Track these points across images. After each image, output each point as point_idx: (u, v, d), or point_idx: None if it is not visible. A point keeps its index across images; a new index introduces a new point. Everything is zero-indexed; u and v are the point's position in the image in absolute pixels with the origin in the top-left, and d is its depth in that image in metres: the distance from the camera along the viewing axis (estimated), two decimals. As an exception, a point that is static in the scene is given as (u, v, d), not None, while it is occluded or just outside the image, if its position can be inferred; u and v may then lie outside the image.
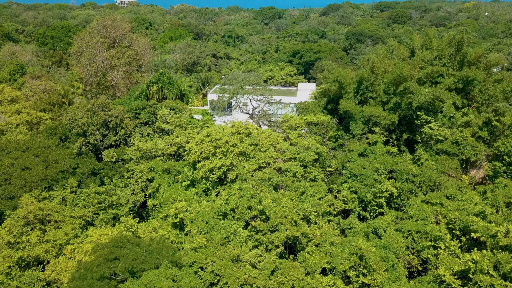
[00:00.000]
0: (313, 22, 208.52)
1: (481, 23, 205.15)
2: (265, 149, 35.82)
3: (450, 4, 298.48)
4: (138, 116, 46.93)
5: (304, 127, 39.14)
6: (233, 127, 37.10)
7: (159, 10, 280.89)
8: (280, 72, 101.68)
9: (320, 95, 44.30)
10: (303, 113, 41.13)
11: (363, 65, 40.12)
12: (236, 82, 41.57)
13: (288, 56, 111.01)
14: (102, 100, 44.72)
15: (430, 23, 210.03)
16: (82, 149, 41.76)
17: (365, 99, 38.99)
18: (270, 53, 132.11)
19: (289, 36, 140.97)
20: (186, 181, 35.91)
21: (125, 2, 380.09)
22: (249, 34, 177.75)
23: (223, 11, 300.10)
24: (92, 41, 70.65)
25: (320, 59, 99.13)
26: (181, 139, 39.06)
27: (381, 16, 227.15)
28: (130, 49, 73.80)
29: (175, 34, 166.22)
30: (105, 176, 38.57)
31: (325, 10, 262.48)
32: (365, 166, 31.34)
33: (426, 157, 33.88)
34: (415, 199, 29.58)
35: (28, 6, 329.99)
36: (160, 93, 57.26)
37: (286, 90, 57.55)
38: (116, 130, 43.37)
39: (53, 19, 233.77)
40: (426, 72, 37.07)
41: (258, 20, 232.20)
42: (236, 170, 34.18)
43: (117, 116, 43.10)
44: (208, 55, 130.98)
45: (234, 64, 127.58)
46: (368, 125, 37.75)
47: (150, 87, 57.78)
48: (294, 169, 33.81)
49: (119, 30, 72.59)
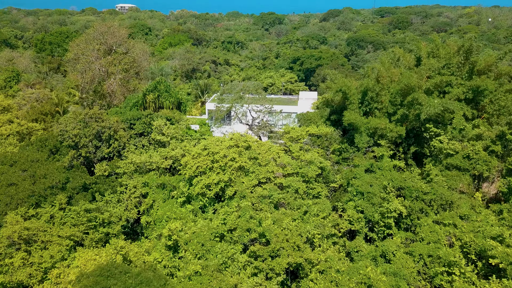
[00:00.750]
0: (314, 27, 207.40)
1: (483, 28, 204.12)
2: (265, 163, 33.90)
3: (450, 9, 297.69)
4: (133, 127, 45.06)
5: (306, 139, 37.23)
6: (232, 140, 35.18)
7: (159, 16, 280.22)
8: (280, 79, 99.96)
9: (323, 105, 42.44)
10: (305, 124, 39.23)
11: (368, 74, 38.30)
12: (235, 92, 39.73)
13: (288, 63, 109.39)
14: (95, 110, 42.87)
15: (431, 29, 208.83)
16: (73, 162, 39.82)
17: (370, 110, 37.10)
18: (270, 59, 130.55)
19: (289, 42, 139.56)
20: (181, 197, 33.96)
21: (125, 8, 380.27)
22: (249, 40, 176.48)
23: (223, 17, 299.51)
24: (88, 48, 68.96)
25: (321, 65, 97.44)
26: (177, 152, 37.15)
27: (382, 22, 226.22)
28: (127, 56, 72.11)
29: (174, 40, 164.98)
30: (96, 192, 36.62)
31: (325, 15, 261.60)
32: (372, 183, 29.38)
33: (435, 172, 31.93)
34: (426, 219, 27.59)
35: (28, 11, 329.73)
36: (157, 102, 55.44)
37: (286, 99, 55.80)
38: (109, 142, 41.46)
39: (53, 25, 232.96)
40: (434, 82, 35.21)
41: (258, 26, 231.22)
42: (234, 186, 32.24)
43: (111, 127, 41.21)
44: (208, 61, 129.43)
45: (234, 71, 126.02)
46: (373, 137, 35.84)
47: (146, 95, 55.98)
48: (296, 185, 31.86)
49: (116, 36, 70.93)
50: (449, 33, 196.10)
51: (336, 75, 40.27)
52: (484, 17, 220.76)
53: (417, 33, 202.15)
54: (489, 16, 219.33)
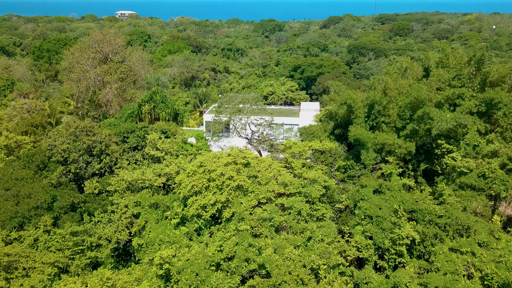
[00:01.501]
0: (314, 34, 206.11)
1: (485, 35, 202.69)
2: (266, 182, 31.62)
3: (450, 16, 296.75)
4: (126, 140, 42.85)
5: (308, 154, 34.98)
6: (230, 156, 32.93)
7: (159, 23, 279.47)
8: (281, 87, 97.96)
9: (326, 118, 40.24)
10: (308, 139, 36.99)
11: (374, 86, 36.13)
12: (234, 104, 37.58)
13: (289, 71, 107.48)
14: (86, 123, 40.67)
15: (433, 36, 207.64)
16: (62, 179, 37.51)
17: (377, 124, 34.88)
18: (271, 67, 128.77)
19: (290, 50, 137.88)
20: (175, 219, 31.63)
21: (125, 15, 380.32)
22: (249, 47, 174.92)
23: (223, 23, 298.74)
24: (83, 56, 67.02)
25: (323, 74, 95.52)
26: (171, 169, 34.90)
27: (383, 29, 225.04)
28: (123, 64, 70.15)
29: (173, 47, 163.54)
30: (86, 211, 34.32)
31: (325, 22, 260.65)
32: (381, 205, 27.07)
33: (448, 192, 29.64)
34: (441, 246, 25.23)
35: (28, 18, 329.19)
36: (152, 113, 53.32)
37: (288, 110, 53.65)
38: (100, 157, 39.21)
39: (52, 32, 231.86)
40: (446, 95, 33.04)
41: (258, 33, 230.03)
42: (232, 208, 29.93)
43: (102, 142, 38.97)
44: (207, 69, 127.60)
45: (234, 78, 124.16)
46: (381, 153, 33.59)
47: (142, 106, 53.84)
48: (299, 206, 29.56)
49: (112, 45, 69.05)
50: (451, 40, 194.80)
51: (340, 86, 38.12)
52: (486, 24, 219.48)
53: (418, 40, 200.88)
54: (491, 23, 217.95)
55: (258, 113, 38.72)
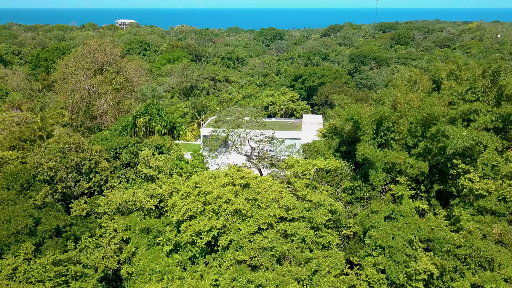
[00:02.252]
0: (315, 43, 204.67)
1: (486, 44, 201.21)
2: (266, 205, 29.06)
3: (451, 24, 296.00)
4: (118, 157, 40.39)
5: (312, 174, 32.44)
6: (227, 176, 30.40)
7: (159, 31, 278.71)
8: (281, 97, 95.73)
9: (330, 133, 37.78)
10: (311, 156, 34.48)
11: (383, 101, 33.70)
12: (232, 119, 35.16)
13: (290, 81, 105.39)
14: (75, 139, 38.23)
15: (434, 44, 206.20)
16: (47, 200, 34.95)
17: (386, 141, 32.42)
18: (271, 76, 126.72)
19: (290, 59, 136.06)
20: (168, 245, 29.02)
21: (125, 23, 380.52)
22: (249, 56, 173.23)
23: (224, 32, 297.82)
24: (77, 66, 64.84)
25: (324, 83, 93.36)
26: (165, 189, 32.37)
27: (384, 37, 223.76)
28: (119, 75, 67.97)
29: (173, 56, 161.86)
30: (72, 235, 31.73)
31: (326, 31, 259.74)
32: (394, 234, 24.47)
33: (466, 217, 27.06)
34: (463, 282, 22.60)
35: (28, 27, 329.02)
36: (147, 126, 50.92)
37: (289, 123, 51.27)
38: (89, 176, 36.70)
39: (52, 40, 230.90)
40: (461, 111, 30.60)
41: (258, 41, 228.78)
42: (229, 234, 27.34)
43: (91, 159, 36.49)
44: (207, 79, 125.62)
45: (234, 88, 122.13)
46: (390, 173, 31.07)
47: (137, 119, 51.45)
48: (303, 233, 26.97)
49: (108, 54, 66.91)
50: (452, 49, 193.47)
51: (345, 100, 35.72)
52: (487, 32, 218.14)
53: (419, 48, 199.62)
54: (492, 31, 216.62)
55: (257, 127, 36.26)
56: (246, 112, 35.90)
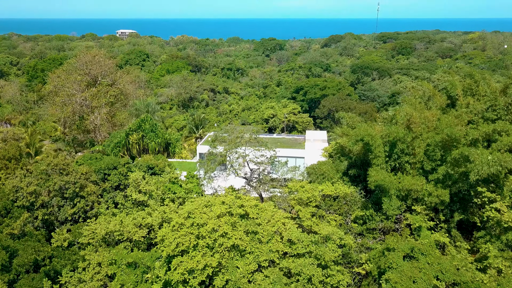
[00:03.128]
0: (315, 53, 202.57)
1: (489, 54, 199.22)
2: (268, 238, 25.86)
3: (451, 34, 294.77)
4: (107, 178, 37.29)
5: (319, 201, 29.28)
6: (224, 204, 27.24)
7: (159, 42, 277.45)
8: (282, 110, 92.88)
9: (337, 154, 34.69)
10: (317, 180, 31.33)
11: (396, 120, 30.64)
12: (230, 139, 32.10)
13: (291, 92, 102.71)
14: (59, 160, 35.14)
15: (436, 55, 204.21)
16: (26, 228, 31.74)
17: (400, 165, 29.30)
18: (272, 88, 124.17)
19: (291, 70, 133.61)
20: (157, 283, 25.76)
21: (125, 33, 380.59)
22: (250, 67, 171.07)
23: (224, 42, 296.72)
24: (69, 79, 62.05)
25: (327, 95, 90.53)
26: (155, 218, 29.18)
27: (385, 48, 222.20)
28: (113, 87, 65.16)
29: (172, 66, 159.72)
30: (51, 270, 28.47)
31: (327, 41, 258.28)
32: (414, 277, 21.22)
33: (494, 253, 23.83)
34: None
35: (28, 37, 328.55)
36: (141, 143, 47.90)
37: (291, 140, 48.20)
38: (73, 201, 33.53)
39: (51, 51, 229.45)
40: (484, 131, 27.53)
41: (259, 52, 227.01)
42: (226, 274, 24.11)
43: (76, 183, 33.35)
44: (206, 90, 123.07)
45: (234, 99, 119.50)
46: (406, 201, 27.93)
47: (129, 135, 48.43)
48: (309, 272, 23.75)
49: (101, 66, 64.18)
50: (454, 59, 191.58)
51: (353, 118, 32.74)
52: (489, 42, 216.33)
53: (421, 59, 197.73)
54: (495, 42, 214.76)
55: (257, 146, 33.18)
56: (246, 131, 32.85)
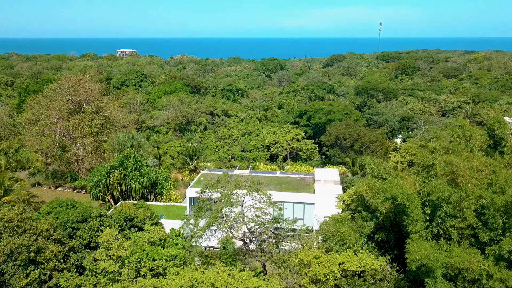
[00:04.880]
0: (317, 73, 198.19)
1: (495, 74, 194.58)
2: None
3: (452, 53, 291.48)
4: (76, 233, 30.57)
5: (339, 277, 22.41)
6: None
7: (158, 61, 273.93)
8: (285, 135, 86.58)
9: (357, 206, 27.95)
10: (335, 247, 24.49)
11: (435, 171, 23.97)
12: (224, 194, 25.49)
13: (294, 117, 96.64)
14: (13, 214, 28.43)
15: (441, 75, 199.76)
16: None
17: (445, 230, 22.53)
18: (273, 110, 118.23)
19: (293, 92, 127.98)
20: None
21: (125, 53, 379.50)
22: (250, 88, 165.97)
23: (224, 62, 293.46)
24: (50, 106, 55.86)
25: (332, 121, 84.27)
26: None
27: (388, 68, 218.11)
28: (99, 115, 58.93)
29: (170, 87, 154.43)
30: None
31: (328, 61, 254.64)
32: None
33: None
34: None
35: (28, 57, 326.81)
36: (123, 183, 41.22)
37: (298, 180, 41.41)
38: (26, 270, 26.66)
39: (49, 71, 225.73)
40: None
41: (259, 72, 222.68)
42: None
43: (30, 246, 26.55)
44: (204, 113, 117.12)
45: (233, 123, 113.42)
46: (455, 282, 21.05)
47: (110, 174, 41.82)
48: None
49: (86, 92, 58.10)
50: (460, 79, 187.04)
51: (379, 165, 26.14)
52: (495, 62, 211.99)
53: (426, 79, 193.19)
54: (500, 61, 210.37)
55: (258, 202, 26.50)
56: (243, 182, 26.25)
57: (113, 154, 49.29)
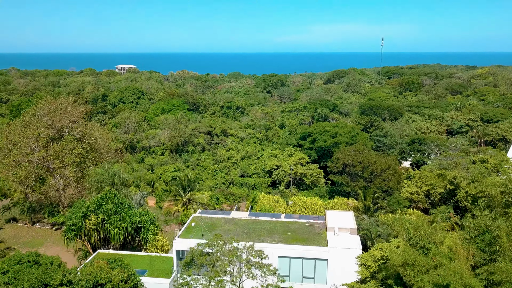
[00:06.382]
0: (319, 90, 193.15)
1: (502, 91, 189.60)
2: None
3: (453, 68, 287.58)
4: (31, 305, 24.28)
5: None
6: None
7: (157, 77, 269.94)
8: (288, 159, 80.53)
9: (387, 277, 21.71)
10: None
11: (500, 244, 17.83)
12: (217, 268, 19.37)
13: (297, 139, 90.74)
14: None
15: (446, 91, 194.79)
16: None
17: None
18: (274, 130, 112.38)
19: (295, 110, 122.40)
20: None
21: (125, 69, 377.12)
22: (250, 105, 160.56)
23: (224, 78, 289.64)
24: (26, 134, 49.99)
25: (339, 144, 78.34)
26: None
27: (391, 84, 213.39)
28: (82, 143, 53.00)
29: (168, 105, 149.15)
30: None
31: (330, 76, 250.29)
32: None
33: None
34: None
35: (26, 72, 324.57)
36: (100, 229, 34.96)
37: (306, 227, 34.86)
38: None
39: (45, 87, 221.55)
40: None
41: (260, 88, 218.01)
42: None
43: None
44: (202, 133, 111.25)
45: (233, 143, 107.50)
46: None
47: (86, 218, 35.63)
48: None
49: (68, 117, 52.30)
50: (465, 95, 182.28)
51: (419, 229, 20.00)
52: (501, 78, 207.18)
53: (431, 95, 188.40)
54: (506, 77, 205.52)
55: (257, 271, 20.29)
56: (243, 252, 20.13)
57: (91, 193, 43.04)
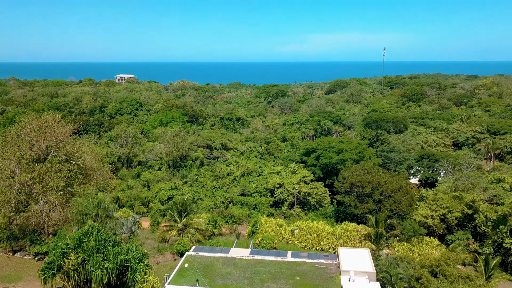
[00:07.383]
0: (320, 100, 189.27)
1: (507, 101, 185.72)
2: None
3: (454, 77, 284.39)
4: None
5: None
6: None
7: (157, 87, 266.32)
8: (291, 177, 76.13)
9: None
10: None
11: None
12: None
13: (300, 155, 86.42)
14: None
15: (450, 102, 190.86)
16: None
17: None
18: (276, 143, 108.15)
19: (297, 123, 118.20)
20: None
21: (124, 78, 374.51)
22: (251, 116, 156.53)
23: (224, 87, 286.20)
24: (6, 155, 45.75)
25: (345, 161, 74.07)
26: None
27: (394, 94, 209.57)
28: (68, 164, 48.71)
29: (166, 117, 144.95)
30: None
31: (331, 86, 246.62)
32: None
33: None
34: None
35: (25, 82, 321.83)
36: (81, 270, 30.46)
37: (317, 270, 30.26)
38: None
39: (43, 97, 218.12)
40: None
41: (260, 98, 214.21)
42: None
43: None
44: (201, 147, 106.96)
45: (232, 157, 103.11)
46: None
47: (66, 256, 31.17)
48: None
49: (52, 137, 48.11)
50: (470, 106, 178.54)
51: None
52: (505, 88, 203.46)
53: (434, 106, 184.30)
54: (510, 87, 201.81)
55: None
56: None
57: (72, 226, 38.55)
